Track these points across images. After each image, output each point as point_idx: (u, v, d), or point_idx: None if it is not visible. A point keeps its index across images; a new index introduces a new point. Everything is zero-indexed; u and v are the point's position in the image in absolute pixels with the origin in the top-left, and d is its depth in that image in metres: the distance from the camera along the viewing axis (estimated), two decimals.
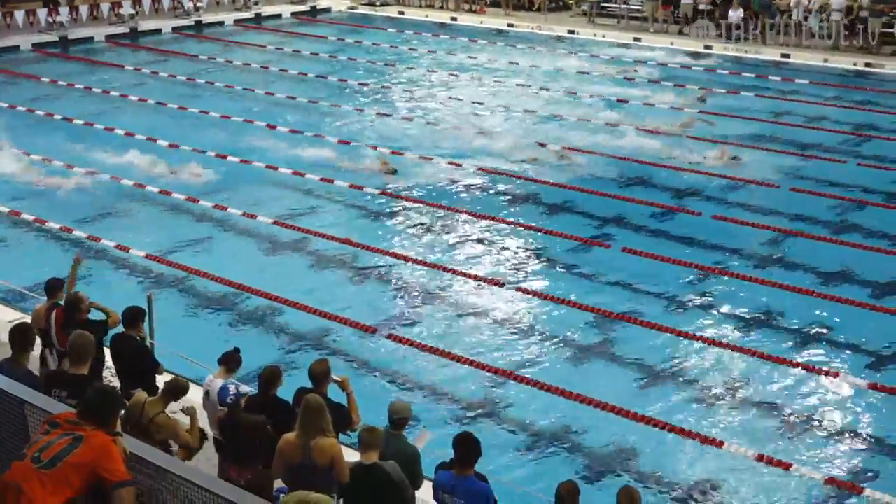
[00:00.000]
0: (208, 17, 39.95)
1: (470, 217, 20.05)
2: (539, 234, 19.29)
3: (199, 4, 40.13)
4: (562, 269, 17.89)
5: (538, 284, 17.27)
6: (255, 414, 9.91)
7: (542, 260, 18.31)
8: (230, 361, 10.58)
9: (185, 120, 27.25)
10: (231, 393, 9.97)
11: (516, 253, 18.56)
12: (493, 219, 19.94)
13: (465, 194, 21.39)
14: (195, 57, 34.55)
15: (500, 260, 18.21)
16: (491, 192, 21.61)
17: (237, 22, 40.28)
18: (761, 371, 14.46)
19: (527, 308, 16.43)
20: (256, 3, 41.77)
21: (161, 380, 11.22)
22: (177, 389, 9.74)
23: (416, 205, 20.71)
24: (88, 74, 32.20)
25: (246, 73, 32.47)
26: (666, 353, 14.88)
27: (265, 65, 33.40)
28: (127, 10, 38.61)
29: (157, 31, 38.45)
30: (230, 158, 23.44)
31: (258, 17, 41.00)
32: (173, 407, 9.99)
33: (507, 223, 19.76)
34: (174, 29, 38.80)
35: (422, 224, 19.83)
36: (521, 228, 19.54)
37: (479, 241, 19.05)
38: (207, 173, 22.18)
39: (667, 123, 26.04)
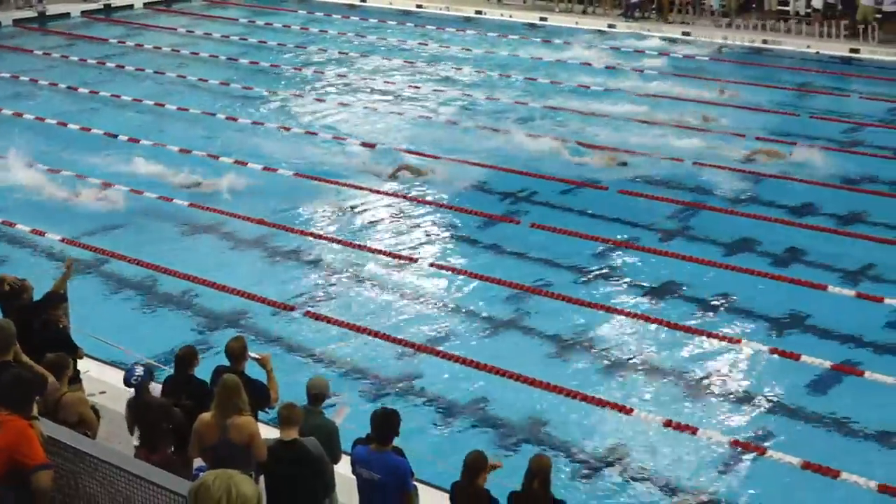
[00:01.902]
0: (117, 1, 39.12)
1: (382, 196, 20.03)
2: (450, 211, 19.32)
3: None
4: (473, 245, 17.96)
5: (450, 260, 17.32)
6: (173, 394, 9.83)
7: (453, 236, 18.36)
8: None
9: (96, 104, 26.79)
10: (136, 374, 9.78)
11: (428, 230, 18.59)
12: (404, 197, 19.95)
13: (376, 173, 21.28)
14: (105, 40, 33.84)
15: (413, 237, 18.21)
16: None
17: (147, 5, 39.45)
18: (667, 339, 14.69)
19: (440, 283, 16.48)
20: None
21: (81, 364, 11.10)
22: (59, 365, 9.45)
23: (330, 185, 20.59)
24: None
25: (157, 57, 31.90)
26: (576, 324, 15.04)
27: (176, 48, 32.87)
28: None
29: (66, 15, 37.54)
30: (143, 142, 23.10)
31: (168, 1, 40.31)
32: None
33: (419, 201, 19.76)
34: (83, 13, 37.88)
35: (335, 204, 19.74)
36: (433, 206, 19.56)
37: (392, 219, 19.03)
38: (120, 157, 21.80)
39: (573, 100, 26.28)
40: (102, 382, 12.33)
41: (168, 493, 6.34)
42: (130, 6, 39.15)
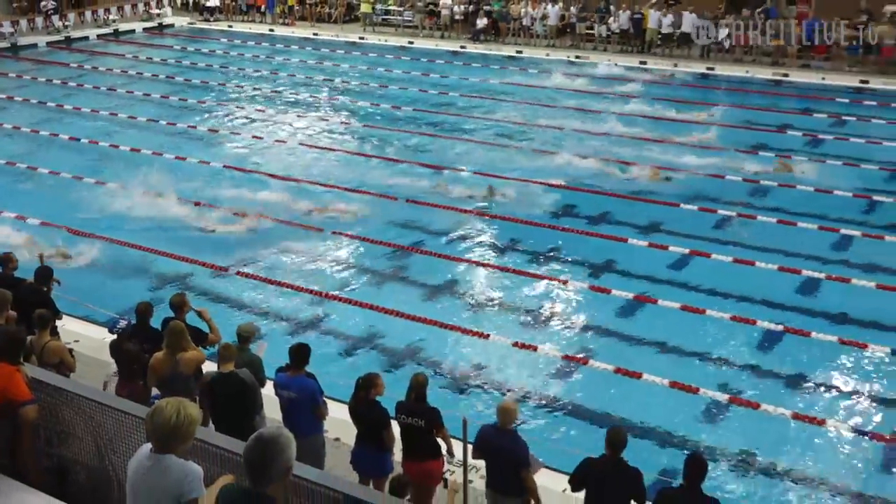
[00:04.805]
0: (76, 34, 37.58)
1: (292, 182, 19.67)
2: (345, 192, 19.10)
3: (66, 23, 37.78)
4: (363, 217, 17.79)
5: (347, 228, 17.16)
6: (133, 339, 9.61)
7: (348, 211, 18.14)
8: None
9: (62, 115, 25.75)
10: (119, 325, 9.56)
11: (330, 206, 18.31)
12: (310, 182, 19.66)
13: (291, 164, 20.93)
14: (67, 65, 32.52)
15: (318, 211, 17.96)
16: (310, 162, 21.22)
17: (99, 37, 38.03)
18: (512, 282, 14.85)
19: (339, 245, 16.34)
20: (114, 22, 39.57)
21: (59, 324, 10.72)
22: (42, 319, 9.12)
23: (251, 174, 20.17)
24: None
25: (109, 77, 30.81)
26: (444, 273, 15.10)
27: (124, 69, 31.78)
28: (7, 28, 36.00)
29: (34, 45, 35.97)
30: (101, 143, 22.38)
31: (116, 33, 38.81)
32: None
33: (320, 185, 19.48)
34: (48, 43, 36.33)
35: (259, 189, 19.27)
36: (332, 188, 19.29)
37: (301, 198, 18.68)
38: (84, 156, 21.06)
39: (436, 106, 26.26)
40: (77, 333, 12.03)
41: (130, 417, 6.20)
42: (86, 38, 37.68)
